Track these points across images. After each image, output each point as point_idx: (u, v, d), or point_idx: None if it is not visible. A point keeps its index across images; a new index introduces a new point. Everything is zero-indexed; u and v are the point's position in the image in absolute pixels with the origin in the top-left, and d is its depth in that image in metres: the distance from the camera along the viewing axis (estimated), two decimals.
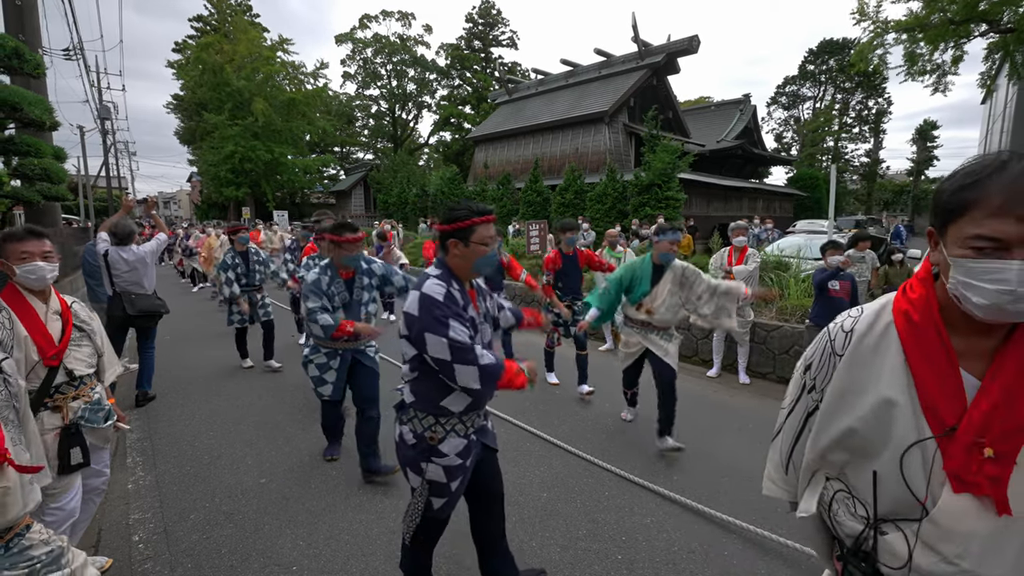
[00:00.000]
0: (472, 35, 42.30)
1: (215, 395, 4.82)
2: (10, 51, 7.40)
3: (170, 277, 14.58)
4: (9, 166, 8.41)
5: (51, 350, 2.03)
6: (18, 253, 2.06)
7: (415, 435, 1.81)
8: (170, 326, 8.02)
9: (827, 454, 1.07)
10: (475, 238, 1.77)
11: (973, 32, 12.03)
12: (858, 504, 1.03)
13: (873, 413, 0.97)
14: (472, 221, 1.76)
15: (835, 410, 1.04)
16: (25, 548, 1.49)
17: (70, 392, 2.12)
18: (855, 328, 1.04)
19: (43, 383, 2.02)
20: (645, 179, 14.34)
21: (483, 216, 1.78)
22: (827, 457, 1.07)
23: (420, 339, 1.69)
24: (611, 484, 3.11)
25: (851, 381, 1.02)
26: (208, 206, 35.13)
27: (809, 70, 43.50)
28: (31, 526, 1.54)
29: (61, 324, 2.13)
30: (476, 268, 1.81)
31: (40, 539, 1.53)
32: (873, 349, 1.00)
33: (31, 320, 2.02)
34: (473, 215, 1.77)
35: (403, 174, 27.09)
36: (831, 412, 1.05)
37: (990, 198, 0.82)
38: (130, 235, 4.37)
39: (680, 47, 21.16)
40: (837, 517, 1.07)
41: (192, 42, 32.59)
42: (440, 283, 1.75)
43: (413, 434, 1.81)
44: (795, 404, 1.19)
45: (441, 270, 1.80)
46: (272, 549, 2.55)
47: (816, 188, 27.32)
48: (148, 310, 4.41)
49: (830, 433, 1.04)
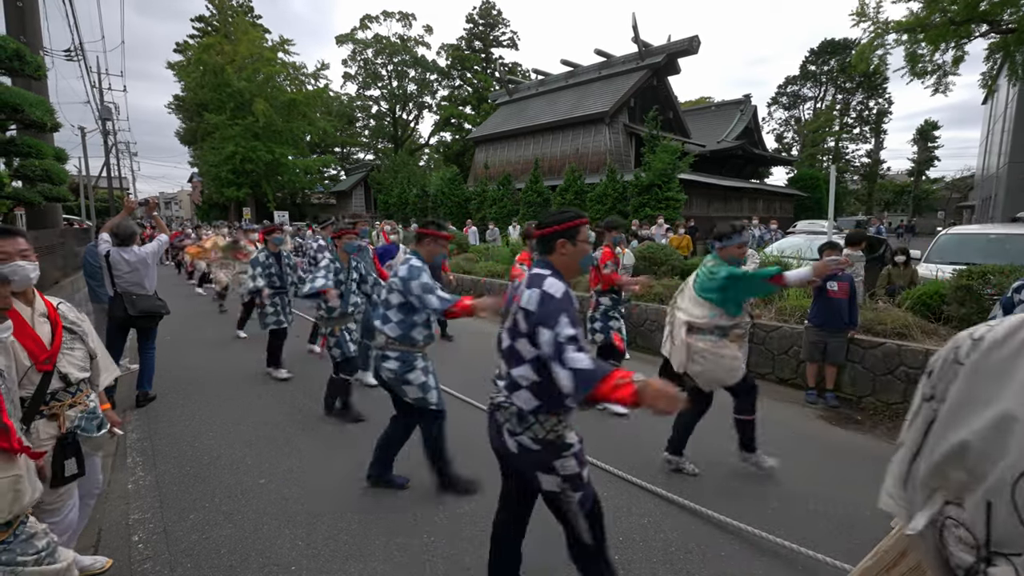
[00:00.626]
0: (473, 35, 42.33)
1: (215, 396, 4.84)
2: (11, 53, 7.42)
3: (171, 278, 14.59)
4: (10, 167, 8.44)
5: (43, 354, 1.94)
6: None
7: (537, 439, 1.79)
8: (171, 327, 8.04)
9: (943, 470, 1.01)
10: (580, 237, 1.88)
11: (974, 32, 12.02)
12: (967, 532, 0.96)
13: (993, 428, 0.90)
14: (577, 222, 1.88)
15: (951, 422, 0.98)
16: (30, 536, 1.53)
17: (66, 399, 2.02)
18: (986, 336, 0.98)
19: (37, 390, 1.91)
20: (645, 179, 14.36)
21: (584, 218, 1.92)
22: (943, 474, 1.02)
23: (535, 333, 1.69)
24: (608, 484, 3.12)
25: (972, 392, 0.96)
26: (209, 206, 35.16)
27: (810, 70, 43.52)
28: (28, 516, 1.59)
29: (50, 327, 2.02)
30: (582, 265, 1.92)
31: (40, 528, 1.59)
32: (1006, 360, 0.93)
33: (17, 324, 1.89)
34: (578, 216, 1.90)
35: (403, 174, 27.15)
36: (947, 423, 0.99)
37: None
38: (131, 236, 4.38)
39: (680, 47, 21.17)
40: (949, 547, 1.01)
41: (193, 43, 32.64)
42: (559, 281, 1.79)
43: (534, 439, 1.79)
44: (916, 415, 1.12)
45: (551, 270, 1.85)
46: (271, 549, 2.56)
47: (817, 188, 27.33)
48: (149, 311, 4.42)
49: (943, 447, 0.98)
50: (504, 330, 1.88)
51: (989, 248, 6.67)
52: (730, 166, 24.58)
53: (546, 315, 1.68)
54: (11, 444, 1.48)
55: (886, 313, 4.84)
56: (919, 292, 5.17)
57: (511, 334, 1.82)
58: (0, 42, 7.35)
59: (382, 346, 2.92)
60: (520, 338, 1.78)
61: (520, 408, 1.80)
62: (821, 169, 34.82)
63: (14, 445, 1.49)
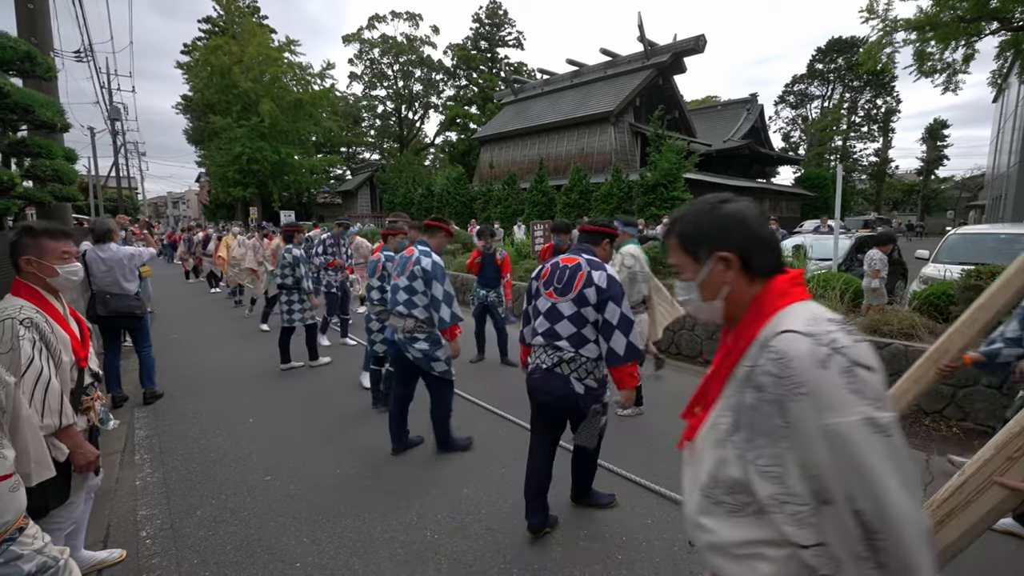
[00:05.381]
0: (479, 35, 42.35)
1: (222, 394, 4.88)
2: (22, 55, 7.51)
3: (176, 277, 14.71)
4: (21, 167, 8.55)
5: (82, 351, 1.97)
6: (59, 252, 1.95)
7: (597, 380, 2.43)
8: (178, 325, 8.12)
9: None
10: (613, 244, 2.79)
11: (984, 30, 11.89)
12: None
13: None
14: (617, 232, 2.81)
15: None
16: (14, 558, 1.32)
17: (94, 393, 2.09)
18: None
19: (77, 385, 1.94)
20: (651, 179, 14.31)
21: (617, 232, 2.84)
22: None
23: (604, 305, 2.34)
24: (612, 484, 3.12)
25: None
26: (216, 206, 35.44)
27: (818, 68, 43.16)
28: (25, 528, 1.39)
29: (76, 323, 2.06)
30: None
31: (33, 548, 1.36)
32: None
33: (60, 322, 1.92)
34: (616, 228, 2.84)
35: (409, 174, 27.21)
36: None
37: None
38: (107, 233, 4.39)
39: (686, 47, 21.09)
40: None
41: (201, 43, 32.87)
42: (611, 268, 2.46)
43: (596, 380, 2.42)
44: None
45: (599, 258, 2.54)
46: (276, 545, 2.58)
47: (824, 188, 27.12)
48: (120, 311, 4.33)
49: None
50: (566, 300, 2.42)
51: (999, 248, 6.58)
52: (736, 165, 24.44)
53: (615, 294, 2.35)
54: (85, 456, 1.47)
55: (893, 313, 4.80)
56: (926, 292, 5.12)
57: (578, 302, 2.39)
58: (11, 44, 7.44)
59: (411, 329, 3.22)
60: (587, 306, 2.37)
61: (588, 358, 2.39)
62: (828, 168, 34.55)
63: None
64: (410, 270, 3.22)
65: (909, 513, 0.78)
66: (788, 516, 0.85)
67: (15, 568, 1.30)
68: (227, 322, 8.49)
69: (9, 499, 1.30)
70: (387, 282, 3.82)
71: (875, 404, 0.79)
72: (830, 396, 0.79)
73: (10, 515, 1.30)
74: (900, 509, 0.78)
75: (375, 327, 4.20)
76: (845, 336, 0.83)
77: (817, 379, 0.80)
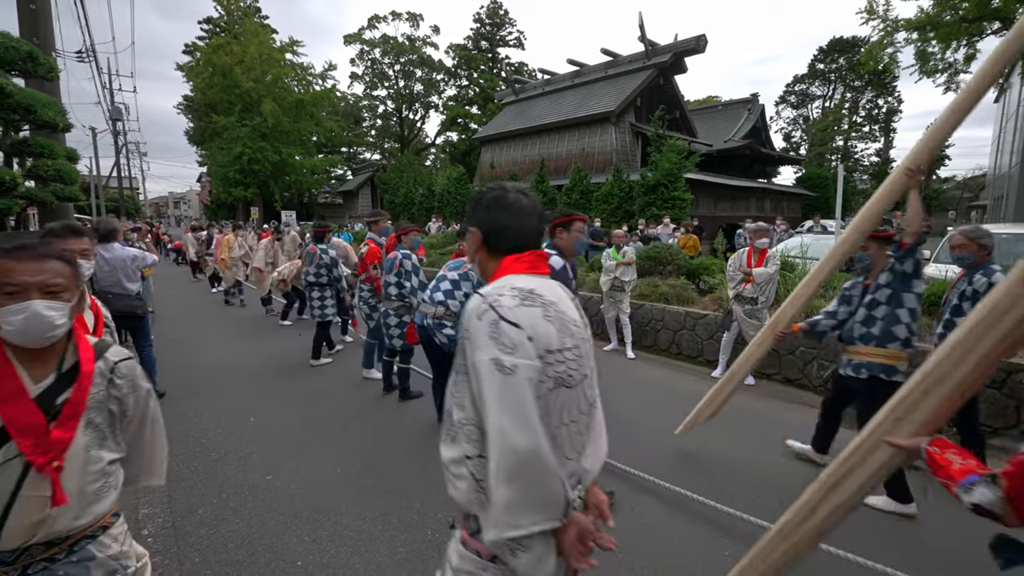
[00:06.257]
0: (479, 35, 42.35)
1: (222, 393, 4.89)
2: (24, 55, 7.54)
3: (177, 277, 14.74)
4: (24, 167, 8.57)
5: None
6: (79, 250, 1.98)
7: None
8: (179, 325, 8.14)
9: None
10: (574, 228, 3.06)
11: (986, 30, 11.88)
12: None
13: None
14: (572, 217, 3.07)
15: None
16: (87, 558, 1.26)
17: None
18: None
19: None
20: (651, 179, 14.30)
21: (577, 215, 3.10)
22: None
23: None
24: (611, 483, 3.12)
25: None
26: (217, 206, 35.48)
27: (819, 68, 43.11)
28: (109, 528, 1.35)
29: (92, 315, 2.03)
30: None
31: (109, 554, 1.32)
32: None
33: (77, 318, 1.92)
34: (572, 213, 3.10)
35: (410, 174, 27.18)
36: None
37: None
38: (111, 232, 4.38)
39: (687, 47, 21.06)
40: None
41: (202, 44, 32.92)
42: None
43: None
44: None
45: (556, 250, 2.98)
46: (278, 544, 2.59)
47: (825, 188, 27.06)
48: (122, 311, 4.29)
49: None
50: None
51: (1000, 248, 6.57)
52: (737, 165, 24.40)
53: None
54: None
55: None
56: (927, 292, 5.12)
57: None
58: (14, 44, 7.48)
59: (440, 316, 3.53)
60: None
61: None
62: (829, 168, 34.50)
63: None
64: (445, 265, 3.84)
65: (502, 436, 0.97)
66: (465, 435, 1.08)
67: (83, 569, 1.25)
68: (228, 322, 8.50)
69: (90, 500, 1.27)
70: (404, 278, 4.22)
71: (505, 350, 0.99)
72: (476, 339, 1.02)
73: (87, 519, 1.27)
74: (494, 429, 0.98)
75: (393, 322, 4.32)
76: (510, 300, 1.04)
77: (473, 327, 1.04)
